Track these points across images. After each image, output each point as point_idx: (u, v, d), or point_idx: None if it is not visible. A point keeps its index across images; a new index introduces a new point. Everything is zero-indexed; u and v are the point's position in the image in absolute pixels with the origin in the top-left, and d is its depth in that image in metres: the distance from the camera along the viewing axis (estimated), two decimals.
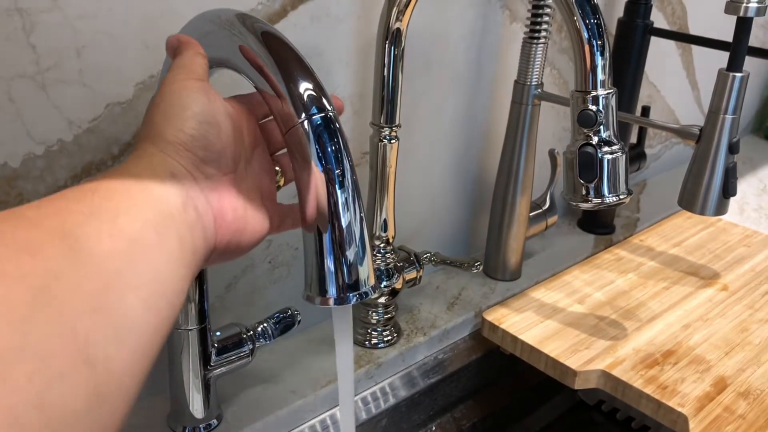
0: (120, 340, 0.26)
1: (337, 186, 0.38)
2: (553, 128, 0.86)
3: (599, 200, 0.47)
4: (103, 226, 0.28)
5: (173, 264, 0.31)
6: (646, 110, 0.87)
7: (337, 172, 0.38)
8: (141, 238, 0.29)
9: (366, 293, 0.36)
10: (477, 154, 0.78)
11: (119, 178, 0.31)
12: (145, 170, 0.33)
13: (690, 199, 0.61)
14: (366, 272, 0.37)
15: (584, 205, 0.48)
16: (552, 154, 0.79)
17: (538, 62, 0.68)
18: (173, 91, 0.36)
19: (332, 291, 0.36)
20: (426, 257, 0.69)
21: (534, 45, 0.67)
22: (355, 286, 0.36)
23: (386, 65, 0.56)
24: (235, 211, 0.37)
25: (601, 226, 0.90)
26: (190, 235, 0.33)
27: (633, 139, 0.91)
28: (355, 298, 0.36)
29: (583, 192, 0.48)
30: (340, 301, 0.36)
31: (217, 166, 0.36)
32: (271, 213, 0.41)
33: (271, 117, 0.39)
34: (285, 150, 0.41)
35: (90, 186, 0.30)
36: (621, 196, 0.47)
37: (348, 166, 0.38)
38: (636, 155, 0.90)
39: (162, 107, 0.36)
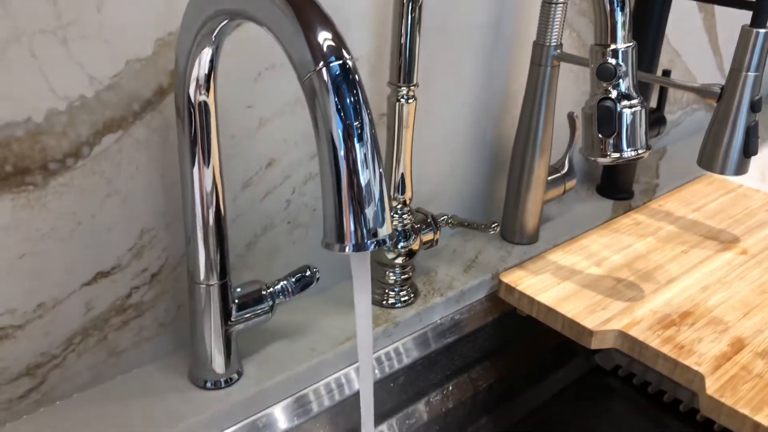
0: None
1: (356, 139, 0.38)
2: (572, 93, 0.86)
3: (617, 155, 0.47)
4: None
5: None
6: (666, 74, 0.86)
7: (356, 124, 0.38)
8: None
9: (384, 240, 0.37)
10: (495, 117, 0.77)
11: None
12: None
13: (709, 159, 0.60)
14: (384, 220, 0.37)
15: (602, 160, 0.48)
16: (571, 117, 0.78)
17: (558, 22, 0.67)
18: None
19: (350, 238, 0.36)
20: (443, 219, 0.69)
21: (553, 5, 0.66)
22: (373, 233, 0.36)
23: (404, 23, 0.56)
24: None
25: (619, 192, 0.90)
26: None
27: (653, 104, 0.90)
28: (372, 245, 0.36)
29: (602, 147, 0.47)
30: (358, 247, 0.36)
31: None
32: None
33: None
34: None
35: None
36: (640, 151, 0.47)
37: (367, 120, 0.38)
38: (656, 120, 0.89)
39: None
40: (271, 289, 0.56)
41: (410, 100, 0.59)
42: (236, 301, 0.54)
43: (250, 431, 0.55)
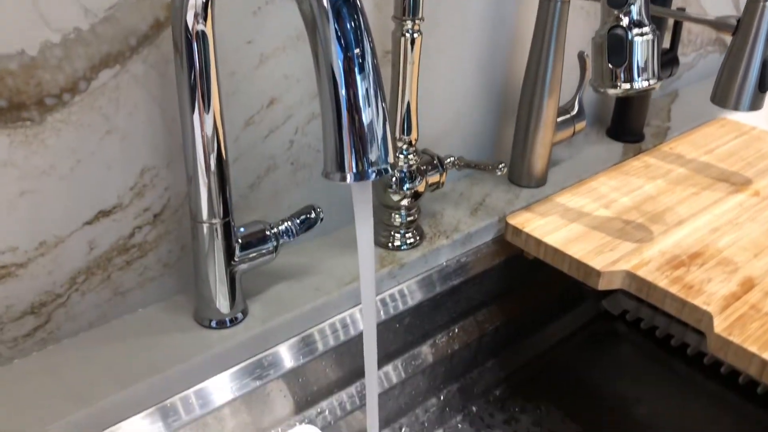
0: None
1: (357, 69, 0.37)
2: (582, 31, 0.83)
3: (628, 85, 0.45)
4: None
5: None
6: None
7: (357, 52, 0.37)
8: None
9: (386, 169, 0.36)
10: (504, 55, 0.75)
11: None
12: None
13: (723, 94, 0.59)
14: (386, 150, 0.36)
15: (612, 91, 0.46)
16: (581, 57, 0.76)
17: None
18: None
19: (351, 167, 0.35)
20: (449, 161, 0.68)
21: None
22: (374, 162, 0.36)
23: None
24: None
25: (630, 134, 0.88)
26: None
27: (666, 44, 0.87)
28: (374, 174, 0.36)
29: (612, 77, 0.46)
30: (360, 176, 0.35)
31: None
32: None
33: None
34: None
35: None
36: (651, 81, 0.46)
37: (368, 48, 0.37)
38: (668, 60, 0.86)
39: None
40: (275, 230, 0.56)
41: (416, 35, 0.57)
42: (239, 240, 0.54)
43: (256, 369, 0.55)
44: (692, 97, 1.03)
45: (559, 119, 0.76)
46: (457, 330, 0.72)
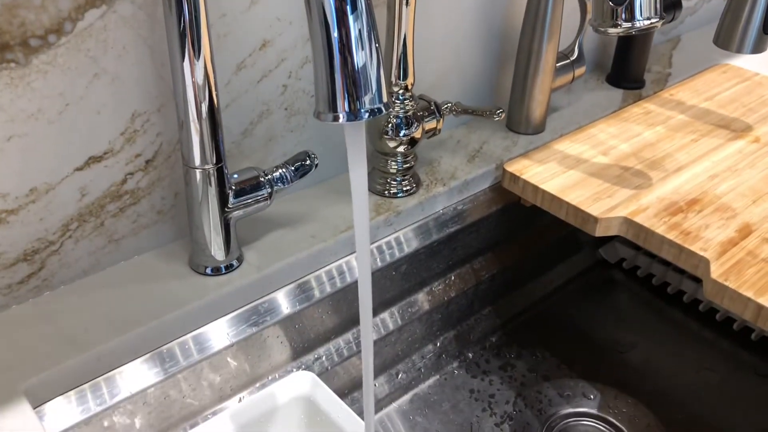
0: None
1: (349, 8, 0.36)
2: None
3: (629, 24, 0.44)
4: None
5: None
6: None
7: None
8: None
9: (379, 109, 0.35)
10: None
11: None
12: None
13: (726, 37, 0.57)
14: (380, 90, 0.35)
15: (613, 31, 0.45)
16: (582, 0, 0.74)
17: None
18: None
19: (344, 107, 0.35)
20: (447, 107, 0.67)
21: None
22: (367, 102, 0.35)
23: None
24: None
25: (630, 81, 0.87)
26: None
27: None
28: (366, 114, 0.35)
29: (613, 16, 0.45)
30: (353, 116, 0.35)
31: None
32: None
33: None
34: None
35: None
36: (653, 20, 0.44)
37: None
38: (671, 4, 0.84)
39: None
40: (269, 176, 0.55)
41: None
42: (233, 187, 0.53)
43: (252, 316, 0.55)
44: (694, 43, 1.01)
45: (558, 64, 0.75)
46: (453, 278, 0.72)
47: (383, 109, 0.35)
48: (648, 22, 0.44)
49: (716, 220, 0.62)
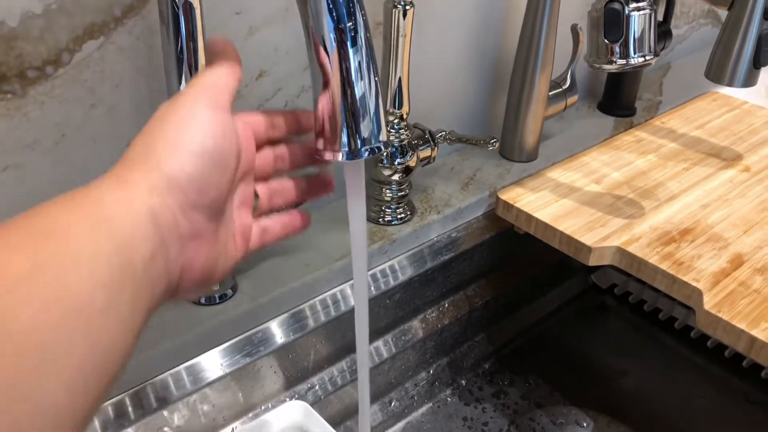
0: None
1: (349, 43, 0.36)
2: (576, 3, 0.82)
3: (624, 61, 0.45)
4: (38, 291, 0.23)
5: (119, 333, 0.25)
6: None
7: (349, 25, 0.36)
8: (85, 305, 0.24)
9: (379, 147, 0.35)
10: (497, 28, 0.74)
11: (83, 209, 0.26)
12: (120, 203, 0.28)
13: (718, 70, 0.58)
14: (379, 127, 0.35)
15: (608, 67, 0.46)
16: (575, 30, 0.75)
17: None
18: (187, 114, 0.30)
19: (343, 145, 0.35)
20: (441, 135, 0.67)
21: None
22: (366, 139, 0.35)
23: None
24: (206, 262, 0.32)
25: (621, 108, 0.88)
26: (150, 292, 0.28)
27: (659, 16, 0.86)
28: (367, 153, 0.35)
29: (608, 53, 0.45)
30: (352, 155, 0.35)
31: (206, 212, 0.31)
32: (243, 244, 0.36)
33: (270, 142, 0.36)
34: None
35: (48, 222, 0.25)
36: (647, 57, 0.45)
37: (361, 21, 0.36)
38: (661, 33, 0.85)
39: (168, 129, 0.30)
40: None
41: (407, 7, 0.56)
42: None
43: (246, 346, 0.55)
44: (684, 70, 1.03)
45: (551, 93, 0.75)
46: (447, 305, 0.72)
47: (383, 147, 0.36)
48: (642, 59, 0.45)
49: (708, 250, 0.63)
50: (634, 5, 0.44)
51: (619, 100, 0.87)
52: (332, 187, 0.39)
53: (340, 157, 0.35)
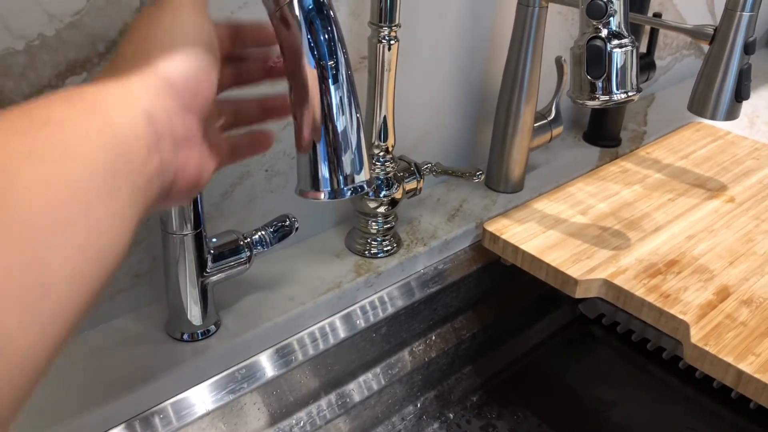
0: (32, 316, 0.22)
1: (330, 81, 0.36)
2: (560, 36, 0.83)
3: (607, 97, 0.45)
4: (41, 171, 0.23)
5: (115, 225, 0.26)
6: (657, 17, 0.84)
7: (330, 64, 0.36)
8: (82, 191, 0.24)
9: (361, 187, 0.35)
10: (481, 60, 0.75)
11: (82, 103, 0.26)
12: (116, 100, 0.28)
13: (701, 104, 0.59)
14: (361, 166, 0.35)
15: (591, 103, 0.46)
16: (559, 62, 0.76)
17: None
18: (176, 21, 0.31)
19: (326, 185, 0.35)
20: (426, 167, 0.67)
21: None
22: (350, 179, 0.35)
23: None
24: (196, 168, 0.33)
25: (606, 139, 0.88)
26: (145, 190, 0.28)
27: (643, 48, 0.88)
28: (349, 192, 0.35)
29: (590, 89, 0.45)
30: (335, 194, 0.35)
31: (197, 116, 0.32)
32: (217, 156, 0.36)
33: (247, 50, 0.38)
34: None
35: (44, 112, 0.25)
36: (630, 93, 0.45)
37: (342, 59, 0.36)
38: (645, 65, 0.87)
39: (157, 35, 0.31)
40: (248, 240, 0.55)
41: (392, 41, 0.57)
42: (212, 251, 0.52)
43: (230, 383, 0.54)
44: (668, 101, 1.04)
45: (536, 124, 0.76)
46: (434, 337, 0.71)
47: (365, 186, 0.35)
48: (625, 95, 0.45)
49: (695, 282, 0.63)
50: (616, 42, 0.44)
51: (604, 130, 0.88)
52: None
53: (322, 197, 0.35)
